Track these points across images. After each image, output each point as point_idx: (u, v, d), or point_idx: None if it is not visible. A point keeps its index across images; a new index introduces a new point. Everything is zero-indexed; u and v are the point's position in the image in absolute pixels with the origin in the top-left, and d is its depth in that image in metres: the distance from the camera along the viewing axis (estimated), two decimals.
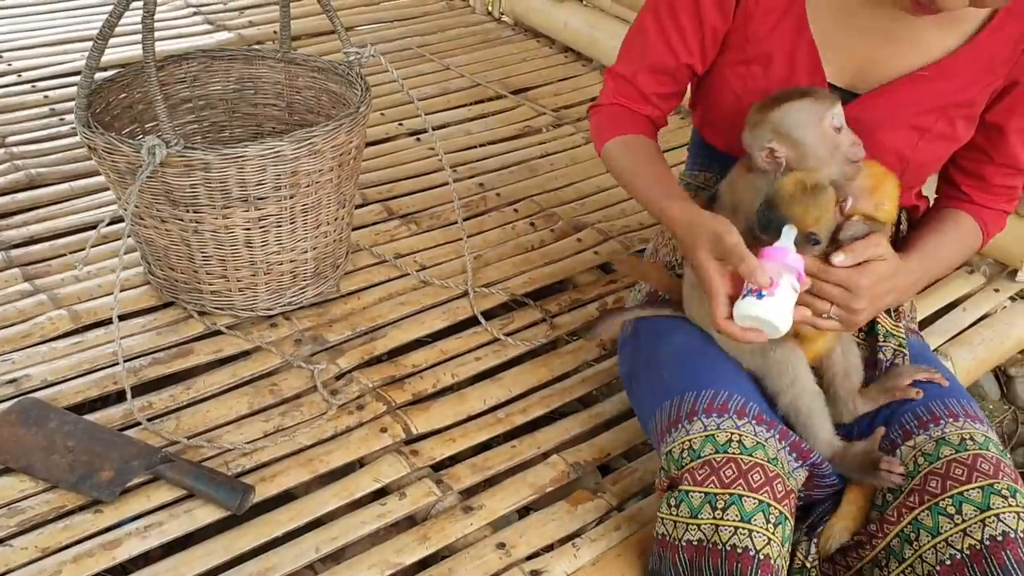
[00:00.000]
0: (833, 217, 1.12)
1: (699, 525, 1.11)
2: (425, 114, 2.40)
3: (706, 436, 1.14)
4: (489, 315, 1.75)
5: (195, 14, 2.86)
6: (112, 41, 1.49)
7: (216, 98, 1.85)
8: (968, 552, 1.09)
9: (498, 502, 1.38)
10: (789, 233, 1.09)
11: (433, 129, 2.34)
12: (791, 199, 1.10)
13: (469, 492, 1.41)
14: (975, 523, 1.10)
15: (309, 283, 1.66)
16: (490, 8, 3.12)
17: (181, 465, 1.36)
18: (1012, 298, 1.97)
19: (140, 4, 1.38)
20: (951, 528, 1.12)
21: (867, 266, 1.12)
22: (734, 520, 1.09)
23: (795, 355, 1.20)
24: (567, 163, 2.29)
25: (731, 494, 1.11)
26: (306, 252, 1.62)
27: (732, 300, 1.11)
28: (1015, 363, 2.66)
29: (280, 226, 1.55)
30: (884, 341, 1.32)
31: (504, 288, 1.81)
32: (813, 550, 1.23)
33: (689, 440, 1.15)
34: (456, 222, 1.87)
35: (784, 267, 1.07)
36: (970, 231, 1.32)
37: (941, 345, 1.81)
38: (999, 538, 1.09)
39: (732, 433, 1.14)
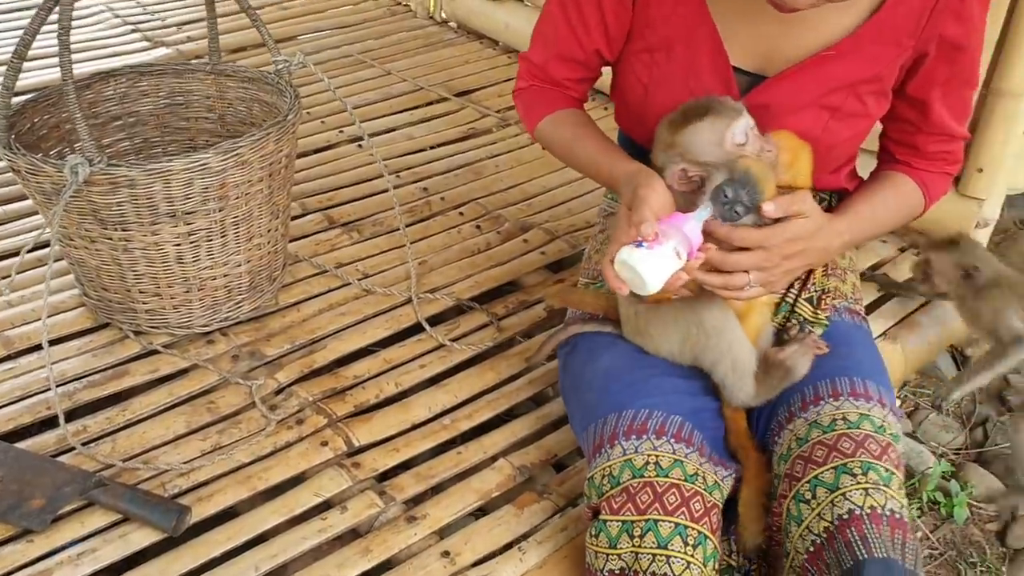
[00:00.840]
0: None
1: (619, 555, 1.10)
2: (368, 120, 2.41)
3: (624, 461, 1.14)
4: (435, 321, 1.73)
5: (133, 31, 2.82)
6: (51, 61, 1.46)
7: (147, 114, 1.81)
8: (824, 535, 1.09)
9: (443, 510, 1.35)
10: (703, 213, 1.09)
11: (376, 135, 2.35)
12: (764, 178, 1.10)
13: (414, 501, 1.39)
14: (826, 505, 1.10)
15: (245, 297, 1.63)
16: (431, 11, 3.10)
17: (115, 489, 1.32)
18: None
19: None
20: (809, 514, 1.12)
21: (784, 224, 1.11)
22: (652, 547, 1.08)
23: (729, 320, 1.19)
24: (513, 164, 2.27)
25: (647, 520, 1.10)
26: (240, 266, 1.59)
27: None
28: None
29: (211, 240, 1.52)
30: (792, 325, 1.31)
31: (450, 293, 1.79)
32: (735, 547, 1.22)
33: (609, 467, 1.15)
34: (399, 228, 1.85)
35: (677, 232, 1.06)
36: (909, 191, 1.32)
37: (890, 328, 1.81)
38: (845, 516, 1.08)
39: (649, 455, 1.13)
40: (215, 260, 1.54)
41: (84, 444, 1.41)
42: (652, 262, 1.04)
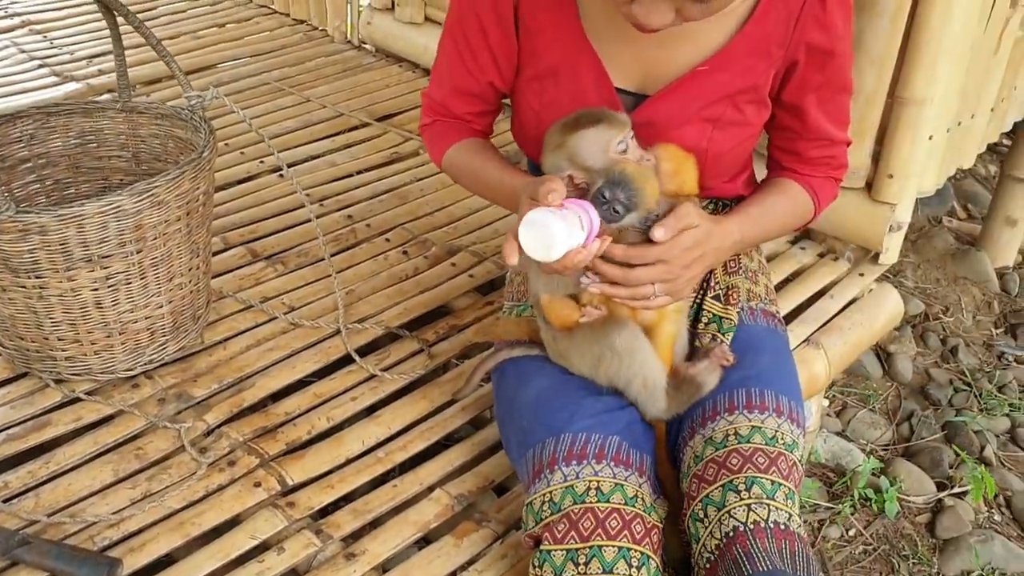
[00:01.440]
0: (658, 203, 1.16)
1: None
2: (288, 148, 2.39)
3: (566, 488, 1.15)
4: (365, 351, 1.71)
5: (40, 67, 2.74)
6: None
7: (57, 155, 1.76)
8: (716, 553, 1.12)
9: (381, 545, 1.34)
10: (594, 214, 1.11)
11: (297, 163, 2.33)
12: (640, 178, 1.13)
13: (352, 537, 1.37)
14: (715, 523, 1.14)
15: (169, 338, 1.60)
16: (348, 36, 3.09)
17: (40, 546, 1.28)
18: (877, 281, 2.03)
19: None
20: (703, 532, 1.15)
21: (676, 237, 1.14)
22: (597, 572, 1.09)
23: (639, 341, 1.21)
24: (438, 187, 2.27)
25: (591, 547, 1.11)
26: (162, 307, 1.56)
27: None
28: (894, 340, 2.76)
29: (130, 283, 1.49)
30: (705, 328, 1.35)
31: (379, 321, 1.77)
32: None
33: (550, 492, 1.16)
34: (324, 258, 1.83)
35: (582, 209, 1.09)
36: (797, 195, 1.37)
37: (812, 334, 1.84)
38: (731, 534, 1.12)
39: (591, 481, 1.15)
40: (135, 303, 1.51)
41: (5, 501, 1.37)
42: (559, 223, 1.05)
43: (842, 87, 1.31)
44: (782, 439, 1.19)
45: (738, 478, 1.15)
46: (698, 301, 1.40)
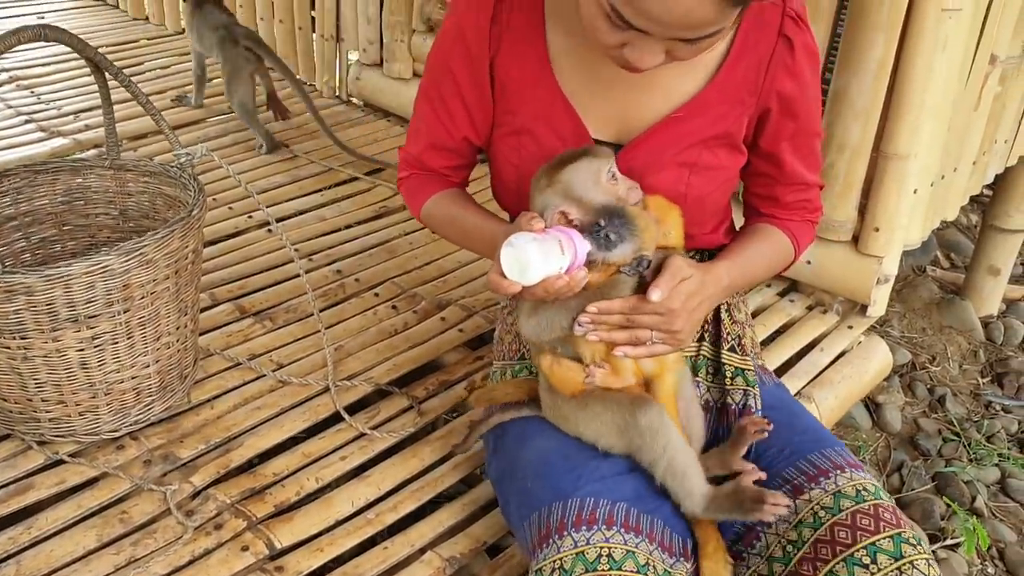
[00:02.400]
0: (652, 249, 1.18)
1: None
2: (277, 203, 2.39)
3: (576, 554, 1.12)
4: (353, 409, 1.70)
5: (27, 122, 2.74)
6: None
7: (44, 212, 1.75)
8: None
9: None
10: (584, 243, 1.12)
11: (286, 218, 2.33)
12: (639, 217, 1.14)
13: None
14: (892, 571, 1.11)
15: (155, 398, 1.58)
16: (337, 91, 3.11)
17: None
18: (865, 333, 2.03)
19: None
20: None
21: (674, 289, 1.15)
22: None
23: (663, 420, 1.19)
24: (426, 241, 2.27)
25: None
26: (148, 367, 1.54)
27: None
28: (882, 391, 2.75)
29: (117, 343, 1.47)
30: (732, 382, 1.34)
31: (368, 378, 1.76)
32: None
33: (560, 558, 1.13)
34: (313, 314, 1.82)
35: (565, 236, 1.10)
36: (778, 240, 1.38)
37: (803, 387, 1.84)
38: None
39: (602, 547, 1.12)
40: (122, 363, 1.49)
41: None
42: (537, 247, 1.06)
43: (813, 132, 1.33)
44: (867, 490, 1.18)
45: (905, 532, 1.13)
46: (706, 355, 1.39)
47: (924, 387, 2.82)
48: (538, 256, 1.06)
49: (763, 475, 1.22)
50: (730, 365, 1.37)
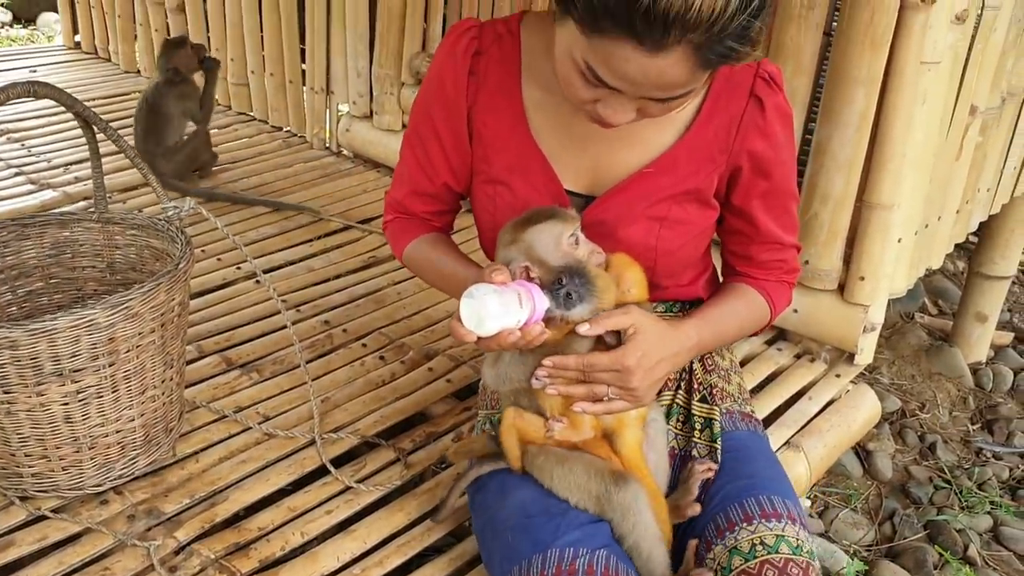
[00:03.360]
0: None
1: None
2: (265, 254, 2.40)
3: None
4: (340, 461, 1.68)
5: (17, 175, 2.76)
6: None
7: (31, 265, 1.75)
8: None
9: None
10: (545, 300, 1.13)
11: (274, 269, 2.33)
12: (599, 278, 1.16)
13: None
14: None
15: (139, 452, 1.57)
16: (327, 142, 3.14)
17: None
18: (853, 381, 2.03)
19: None
20: None
21: (630, 344, 1.15)
22: None
23: (637, 501, 1.20)
24: (415, 290, 2.27)
25: None
26: (133, 420, 1.53)
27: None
28: (873, 438, 2.75)
29: (101, 397, 1.46)
30: (700, 435, 1.36)
31: (354, 430, 1.75)
32: None
33: None
34: (300, 365, 1.82)
35: (525, 290, 1.11)
36: (753, 300, 1.38)
37: (792, 436, 1.84)
38: None
39: None
40: (106, 417, 1.48)
41: None
42: (496, 299, 1.08)
43: (787, 193, 1.34)
44: (804, 547, 1.19)
45: None
46: (680, 403, 1.41)
47: (914, 434, 2.81)
48: (496, 308, 1.08)
49: (697, 509, 1.26)
50: (699, 416, 1.38)
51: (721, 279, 1.46)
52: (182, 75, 2.69)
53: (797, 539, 1.19)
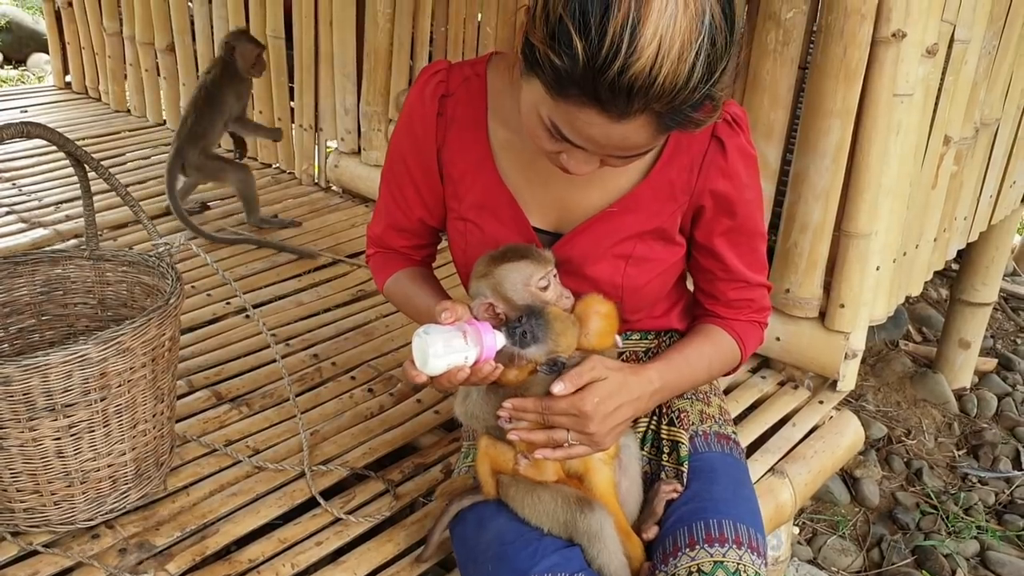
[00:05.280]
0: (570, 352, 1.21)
1: None
2: (255, 289, 2.42)
3: None
4: (330, 493, 1.70)
5: (8, 213, 2.78)
6: None
7: (23, 303, 1.78)
8: None
9: None
10: (500, 337, 1.16)
11: (264, 303, 2.35)
12: (558, 320, 1.18)
13: None
14: None
15: (131, 486, 1.58)
16: (316, 178, 3.17)
17: None
18: (836, 407, 2.06)
19: None
20: None
21: (587, 389, 1.18)
22: None
23: (603, 528, 1.23)
24: (403, 323, 2.29)
25: None
26: (125, 454, 1.54)
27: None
28: (859, 465, 2.77)
29: (93, 431, 1.48)
30: (668, 458, 1.39)
31: (344, 462, 1.77)
32: None
33: None
34: (289, 399, 1.83)
35: (474, 330, 1.13)
36: (721, 341, 1.40)
37: (777, 463, 1.86)
38: None
39: None
40: (98, 451, 1.50)
41: None
42: (440, 339, 1.11)
43: (753, 232, 1.36)
44: (744, 572, 1.20)
45: None
46: (653, 428, 1.44)
47: (901, 460, 2.84)
48: (440, 347, 1.11)
49: (653, 532, 1.30)
50: (667, 439, 1.41)
51: (692, 317, 1.48)
52: (234, 59, 2.70)
53: (738, 564, 1.21)
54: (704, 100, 1.02)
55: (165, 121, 3.69)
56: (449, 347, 1.12)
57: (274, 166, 3.27)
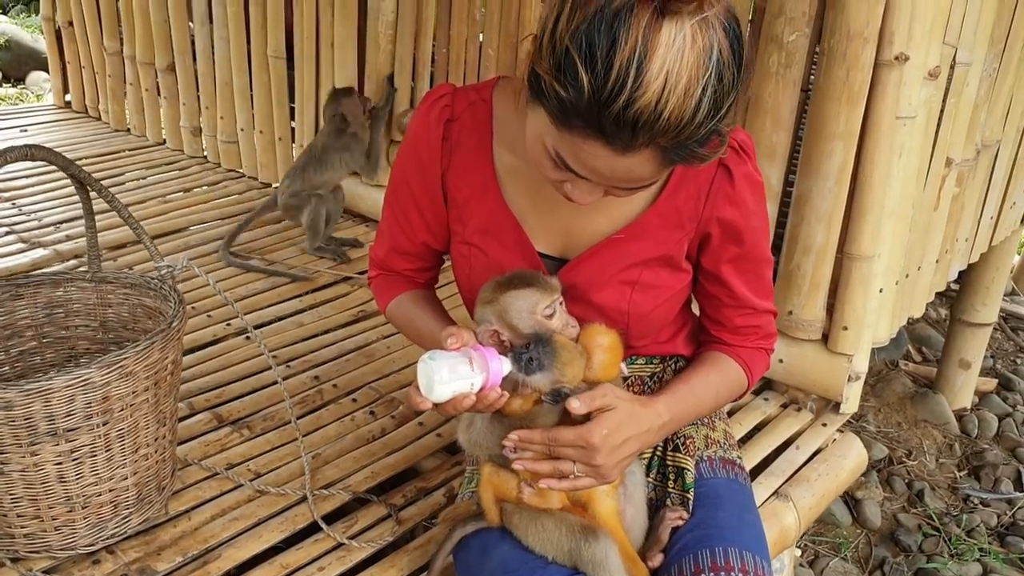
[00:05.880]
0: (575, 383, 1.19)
1: None
2: (256, 310, 2.41)
3: None
4: (332, 517, 1.69)
5: (8, 233, 2.77)
6: None
7: (24, 325, 1.77)
8: None
9: None
10: (506, 363, 1.15)
11: (264, 324, 2.34)
12: (564, 349, 1.17)
13: None
14: None
15: (132, 511, 1.57)
16: None
17: None
18: (840, 430, 2.05)
19: None
20: None
21: (596, 421, 1.16)
22: None
23: (608, 557, 1.22)
24: (404, 344, 2.29)
25: None
26: (126, 479, 1.53)
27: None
28: (861, 486, 2.76)
29: (95, 456, 1.47)
30: (674, 484, 1.38)
31: (346, 486, 1.76)
32: None
33: None
34: (291, 421, 1.82)
35: (480, 356, 1.12)
36: (728, 369, 1.39)
37: (780, 486, 1.85)
38: None
39: None
40: (100, 476, 1.49)
41: None
42: (446, 364, 1.10)
43: (759, 260, 1.36)
44: None
45: None
46: (659, 454, 1.43)
47: (902, 482, 2.83)
48: (445, 374, 1.10)
49: (658, 560, 1.28)
50: (672, 466, 1.40)
51: (698, 343, 1.47)
52: (347, 122, 2.72)
53: None
54: (710, 135, 1.02)
55: (165, 140, 3.69)
56: (455, 373, 1.11)
57: (274, 186, 3.27)
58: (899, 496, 2.80)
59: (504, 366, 1.15)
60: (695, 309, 1.49)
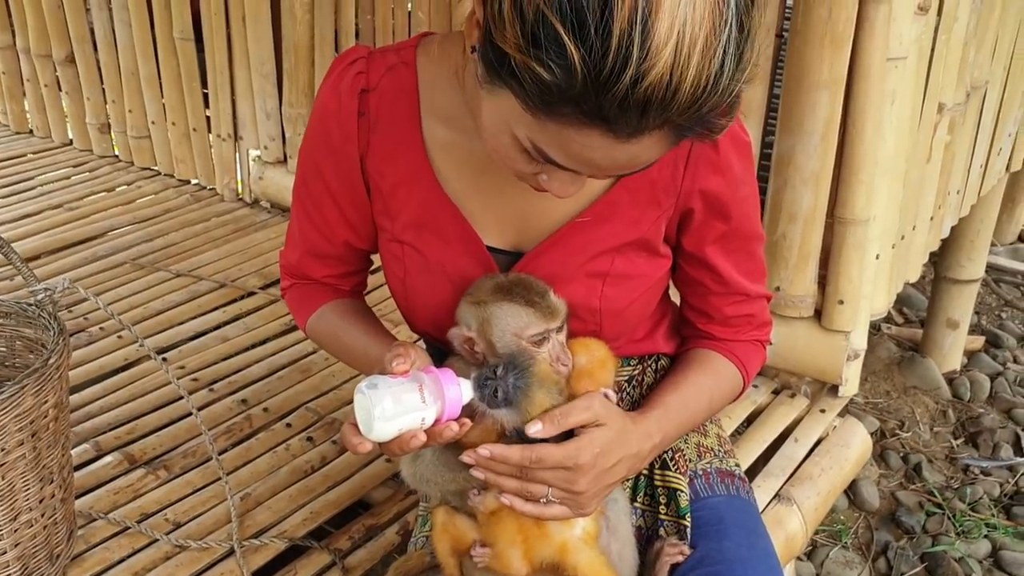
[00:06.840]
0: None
1: None
2: (173, 326, 2.14)
3: None
4: (266, 572, 1.44)
5: None
6: None
7: None
8: None
9: None
10: (467, 388, 0.94)
11: (184, 342, 2.07)
12: (541, 388, 0.96)
13: None
14: None
15: None
16: (239, 193, 2.89)
17: None
18: (840, 414, 1.84)
19: None
20: None
21: (585, 437, 0.97)
22: None
23: None
24: None
25: None
26: (6, 553, 1.27)
27: None
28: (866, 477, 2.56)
29: None
30: (666, 510, 1.17)
31: (280, 533, 1.52)
32: None
33: None
34: (213, 458, 1.57)
35: (435, 382, 0.92)
36: (722, 370, 1.19)
37: (782, 487, 1.64)
38: None
39: None
40: None
41: None
42: (389, 395, 0.89)
43: (750, 235, 1.14)
44: None
45: None
46: (646, 473, 1.22)
47: (897, 456, 2.65)
48: (388, 406, 0.88)
49: None
50: (662, 487, 1.19)
51: (682, 340, 1.25)
52: None
53: None
54: (734, 101, 0.79)
55: (72, 140, 3.37)
56: (401, 405, 0.89)
57: (193, 182, 2.98)
58: (895, 472, 2.62)
59: (464, 392, 0.93)
60: (674, 297, 1.25)
